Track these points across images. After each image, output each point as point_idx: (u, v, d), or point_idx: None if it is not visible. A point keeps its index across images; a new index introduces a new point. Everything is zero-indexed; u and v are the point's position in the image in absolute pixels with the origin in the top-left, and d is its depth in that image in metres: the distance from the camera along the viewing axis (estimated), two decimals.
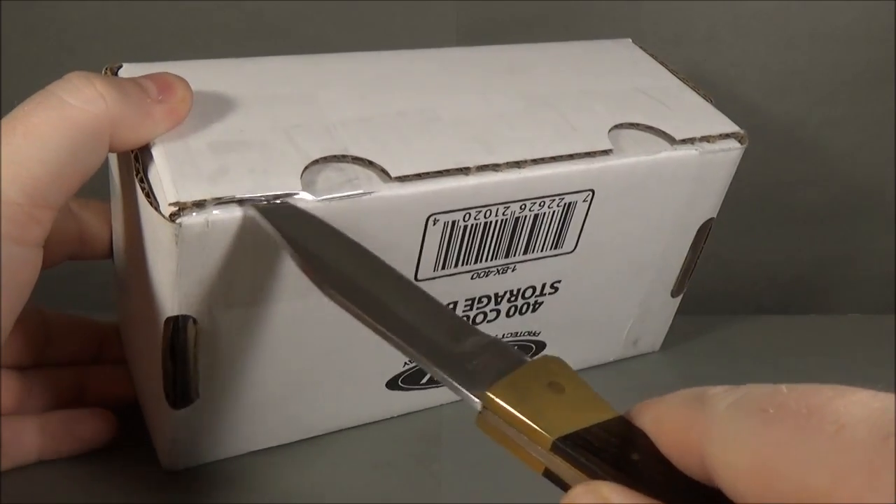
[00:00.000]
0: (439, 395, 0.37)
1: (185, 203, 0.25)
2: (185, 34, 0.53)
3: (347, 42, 0.55)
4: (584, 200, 0.32)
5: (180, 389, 0.29)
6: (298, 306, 0.29)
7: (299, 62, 0.33)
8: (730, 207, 0.38)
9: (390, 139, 0.30)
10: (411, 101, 0.32)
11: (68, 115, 0.25)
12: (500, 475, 0.34)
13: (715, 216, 0.38)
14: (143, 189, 0.27)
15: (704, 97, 0.37)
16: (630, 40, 0.41)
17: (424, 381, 0.36)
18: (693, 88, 0.38)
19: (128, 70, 0.30)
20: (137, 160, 0.27)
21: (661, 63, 0.39)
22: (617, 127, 0.34)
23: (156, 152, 0.27)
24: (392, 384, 0.35)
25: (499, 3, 0.54)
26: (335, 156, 0.29)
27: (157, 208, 0.26)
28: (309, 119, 0.30)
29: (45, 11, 0.52)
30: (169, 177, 0.26)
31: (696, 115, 0.36)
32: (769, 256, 0.56)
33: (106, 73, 0.30)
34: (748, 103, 0.55)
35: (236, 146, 0.28)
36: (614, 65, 0.38)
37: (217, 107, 0.29)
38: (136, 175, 0.27)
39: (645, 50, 0.40)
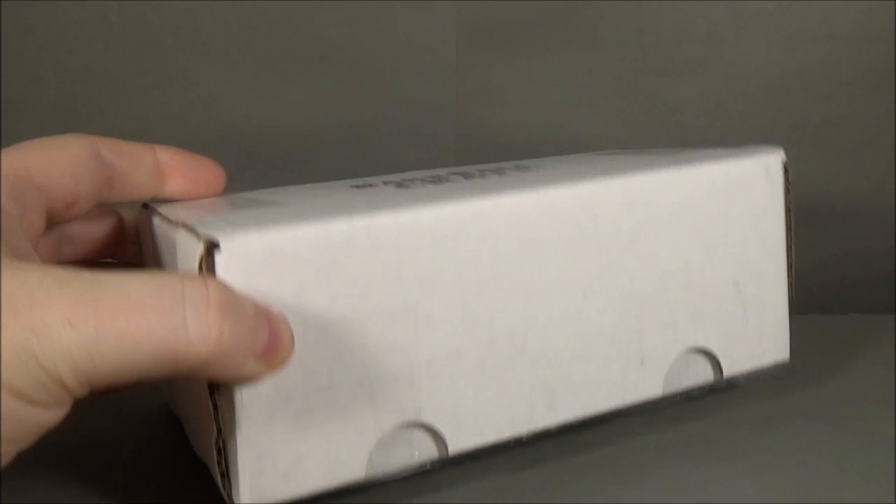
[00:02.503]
0: None
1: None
2: (186, 34, 0.53)
3: (347, 42, 0.55)
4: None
5: None
6: None
7: (422, 239, 0.29)
8: None
9: (467, 390, 0.30)
10: (508, 317, 0.31)
11: (173, 341, 0.21)
12: (500, 475, 0.34)
13: None
14: (221, 476, 0.28)
15: (790, 295, 0.37)
16: (780, 159, 0.37)
17: None
18: (789, 278, 0.37)
19: (226, 245, 0.26)
20: (216, 409, 0.27)
21: (787, 210, 0.37)
22: (686, 352, 0.35)
23: (238, 412, 0.27)
24: None
25: (499, 3, 0.55)
26: (405, 423, 0.29)
27: (230, 495, 0.27)
28: (398, 357, 0.29)
29: (45, 11, 0.52)
30: (247, 474, 0.27)
31: (765, 333, 0.37)
32: None
33: (203, 250, 0.26)
34: (748, 103, 0.55)
35: (318, 414, 0.28)
36: (736, 226, 0.36)
37: (315, 331, 0.27)
38: (216, 442, 0.27)
39: (786, 188, 0.37)
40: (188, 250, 0.27)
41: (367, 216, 0.28)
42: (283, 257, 0.27)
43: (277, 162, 0.55)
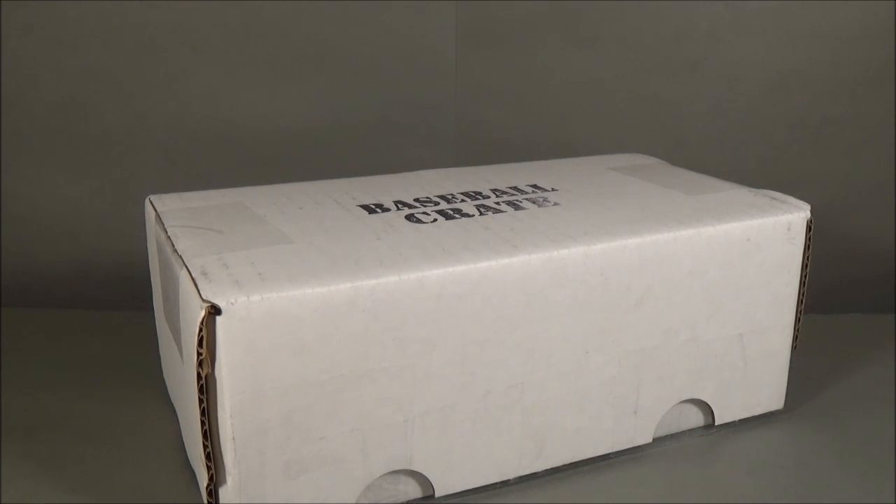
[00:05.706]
0: None
1: None
2: (185, 34, 0.53)
3: (347, 41, 0.55)
4: None
5: None
6: None
7: (427, 301, 0.29)
8: None
9: (458, 439, 0.30)
10: (506, 372, 0.30)
11: None
12: None
13: None
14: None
15: (794, 347, 0.37)
16: (805, 217, 0.35)
17: None
18: (796, 329, 0.36)
19: (227, 310, 0.26)
20: (209, 459, 0.27)
21: (804, 265, 0.36)
22: (680, 402, 0.34)
23: (228, 462, 0.27)
24: None
25: (498, 2, 0.55)
26: (395, 471, 0.29)
27: None
28: (394, 409, 0.29)
29: (44, 11, 0.52)
30: None
31: (763, 384, 0.36)
32: None
33: (205, 314, 0.26)
34: (748, 103, 0.55)
35: (309, 464, 0.28)
36: (748, 283, 0.35)
37: (311, 388, 0.28)
38: (207, 487, 0.28)
39: (807, 244, 0.36)
40: (190, 301, 0.26)
41: (372, 277, 0.27)
42: (285, 319, 0.26)
43: (277, 160, 0.55)
